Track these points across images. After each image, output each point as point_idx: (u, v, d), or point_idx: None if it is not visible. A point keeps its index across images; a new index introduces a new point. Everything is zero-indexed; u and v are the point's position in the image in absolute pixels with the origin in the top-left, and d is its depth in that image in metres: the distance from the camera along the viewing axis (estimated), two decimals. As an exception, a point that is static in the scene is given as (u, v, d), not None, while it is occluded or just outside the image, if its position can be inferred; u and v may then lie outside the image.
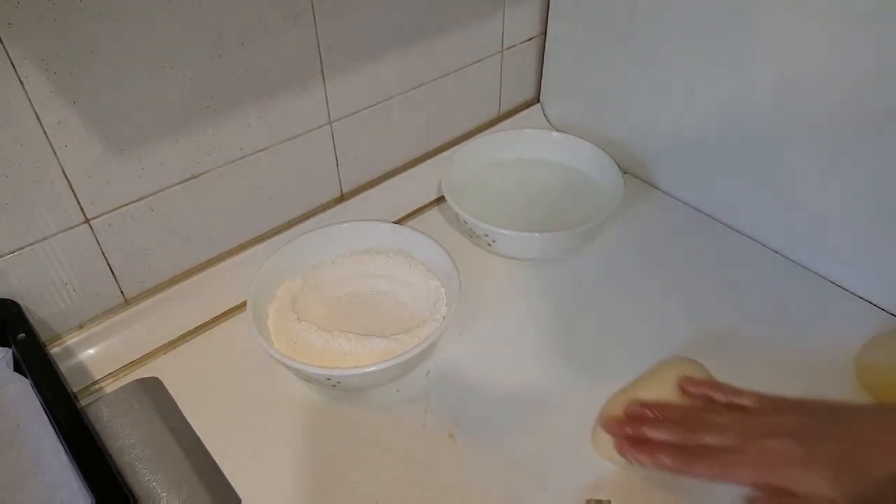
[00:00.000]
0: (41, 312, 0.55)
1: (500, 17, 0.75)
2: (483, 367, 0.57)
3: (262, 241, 0.66)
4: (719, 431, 0.44)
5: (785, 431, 0.42)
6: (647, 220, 0.73)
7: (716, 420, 0.45)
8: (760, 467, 0.41)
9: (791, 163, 0.62)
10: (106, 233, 0.55)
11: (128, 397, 0.54)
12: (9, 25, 0.43)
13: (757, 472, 0.41)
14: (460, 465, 0.50)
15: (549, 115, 0.85)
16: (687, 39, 0.65)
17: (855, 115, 0.56)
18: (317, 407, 0.55)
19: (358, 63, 0.64)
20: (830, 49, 0.55)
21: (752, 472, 0.41)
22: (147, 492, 0.47)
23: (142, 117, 0.52)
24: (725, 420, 0.45)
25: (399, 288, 0.61)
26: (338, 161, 0.68)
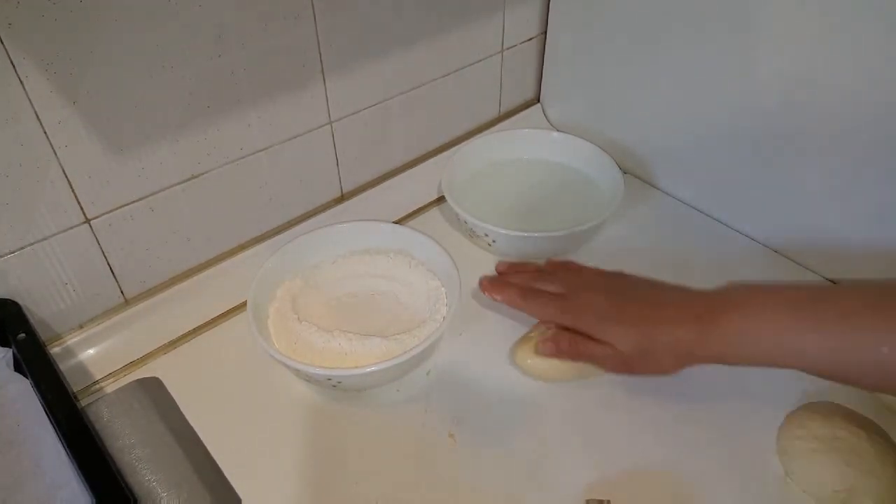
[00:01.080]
0: (41, 312, 0.55)
1: (500, 17, 0.75)
2: (483, 367, 0.57)
3: (262, 241, 0.66)
4: (556, 283, 0.55)
5: (603, 290, 0.53)
6: (647, 220, 0.73)
7: (555, 275, 0.57)
8: (575, 314, 0.52)
9: (791, 162, 0.62)
10: (106, 233, 0.55)
11: (128, 397, 0.53)
12: (9, 25, 0.43)
13: (572, 318, 0.52)
14: (460, 465, 0.50)
15: (549, 115, 0.85)
16: (687, 39, 0.65)
17: (856, 115, 0.56)
18: (317, 407, 0.55)
19: (358, 63, 0.64)
20: (832, 50, 0.55)
21: (569, 317, 0.52)
22: (147, 492, 0.47)
23: (142, 117, 0.52)
24: (562, 276, 0.57)
25: (399, 288, 0.61)
26: (338, 161, 0.68)
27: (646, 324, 0.49)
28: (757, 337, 0.44)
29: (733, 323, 0.45)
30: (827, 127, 0.58)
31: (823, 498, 0.47)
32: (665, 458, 0.51)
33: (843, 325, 0.42)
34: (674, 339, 0.47)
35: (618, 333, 0.49)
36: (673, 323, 0.48)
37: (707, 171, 0.70)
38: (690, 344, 0.47)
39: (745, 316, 0.45)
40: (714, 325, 0.46)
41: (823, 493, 0.47)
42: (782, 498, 0.48)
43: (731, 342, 0.45)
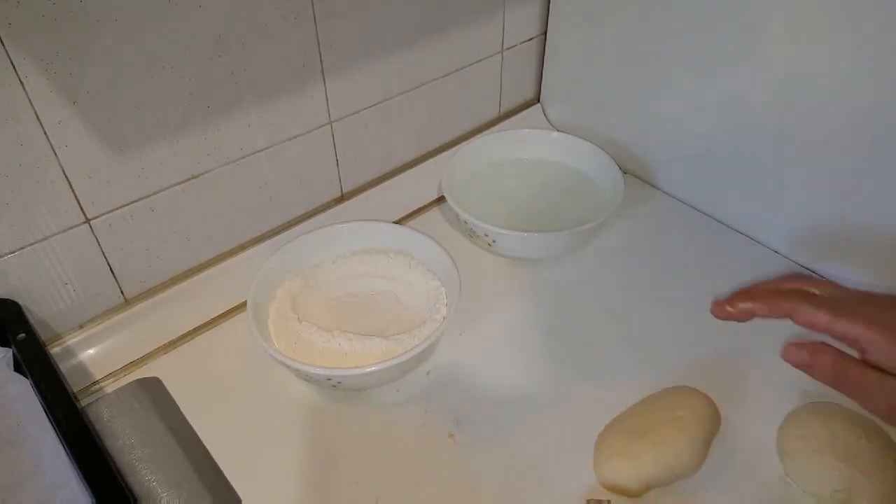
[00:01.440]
0: (41, 312, 0.55)
1: (500, 17, 0.75)
2: (483, 367, 0.57)
3: (262, 241, 0.66)
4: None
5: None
6: (647, 220, 0.73)
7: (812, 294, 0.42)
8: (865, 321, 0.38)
9: (792, 163, 0.62)
10: (106, 233, 0.55)
11: (128, 397, 0.53)
12: (9, 25, 0.43)
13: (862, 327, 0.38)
14: (460, 465, 0.50)
15: (549, 115, 0.85)
16: (688, 39, 0.65)
17: (856, 115, 0.56)
18: (317, 407, 0.55)
19: (358, 63, 0.64)
20: (832, 52, 0.55)
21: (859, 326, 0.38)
22: (147, 492, 0.47)
23: (142, 117, 0.52)
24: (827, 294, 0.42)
25: (399, 288, 0.61)
26: (338, 161, 0.68)
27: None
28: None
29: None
30: (827, 127, 0.58)
31: (823, 498, 0.47)
32: (665, 458, 0.50)
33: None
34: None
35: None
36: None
37: (707, 171, 0.70)
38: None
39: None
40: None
41: (823, 493, 0.47)
42: (782, 498, 0.48)
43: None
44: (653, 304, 0.63)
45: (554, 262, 0.68)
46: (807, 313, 0.40)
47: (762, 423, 0.52)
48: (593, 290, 0.65)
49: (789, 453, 0.49)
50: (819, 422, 0.49)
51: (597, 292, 0.64)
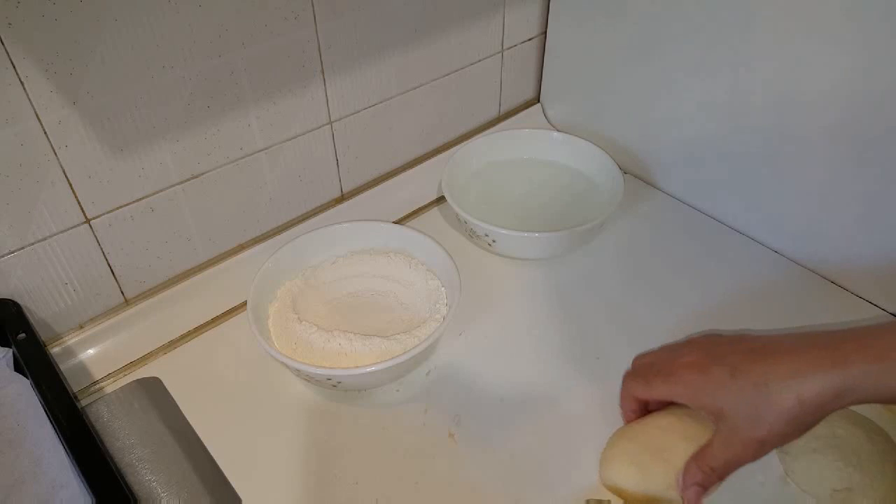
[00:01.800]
0: (41, 312, 0.55)
1: (500, 17, 0.75)
2: (483, 367, 0.57)
3: (262, 241, 0.66)
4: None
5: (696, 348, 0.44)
6: (647, 220, 0.73)
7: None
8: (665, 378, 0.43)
9: (791, 163, 0.62)
10: (106, 233, 0.55)
11: (128, 397, 0.54)
12: (9, 25, 0.43)
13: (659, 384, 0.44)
14: (460, 465, 0.50)
15: (549, 115, 0.85)
16: (687, 39, 0.65)
17: (856, 114, 0.56)
18: (317, 407, 0.55)
19: (358, 63, 0.64)
20: (832, 52, 0.55)
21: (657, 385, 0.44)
22: (147, 492, 0.47)
23: (142, 117, 0.52)
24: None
25: (399, 288, 0.61)
26: (338, 161, 0.68)
27: (749, 371, 0.39)
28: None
29: (891, 344, 0.36)
30: (827, 126, 0.58)
31: (823, 498, 0.47)
32: (665, 458, 0.50)
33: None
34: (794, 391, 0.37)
35: (718, 394, 0.39)
36: (790, 371, 0.38)
37: (707, 171, 0.70)
38: (819, 392, 0.37)
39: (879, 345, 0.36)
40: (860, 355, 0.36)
41: (823, 493, 0.47)
42: (782, 498, 0.48)
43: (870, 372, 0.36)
44: (653, 304, 0.63)
45: (554, 262, 0.68)
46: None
47: (762, 423, 0.52)
48: (593, 290, 0.65)
49: (789, 453, 0.49)
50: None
51: (597, 292, 0.64)
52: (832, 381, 0.36)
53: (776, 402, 0.37)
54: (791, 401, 0.37)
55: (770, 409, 0.38)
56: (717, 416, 0.40)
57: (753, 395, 0.38)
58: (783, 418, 0.38)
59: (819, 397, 0.37)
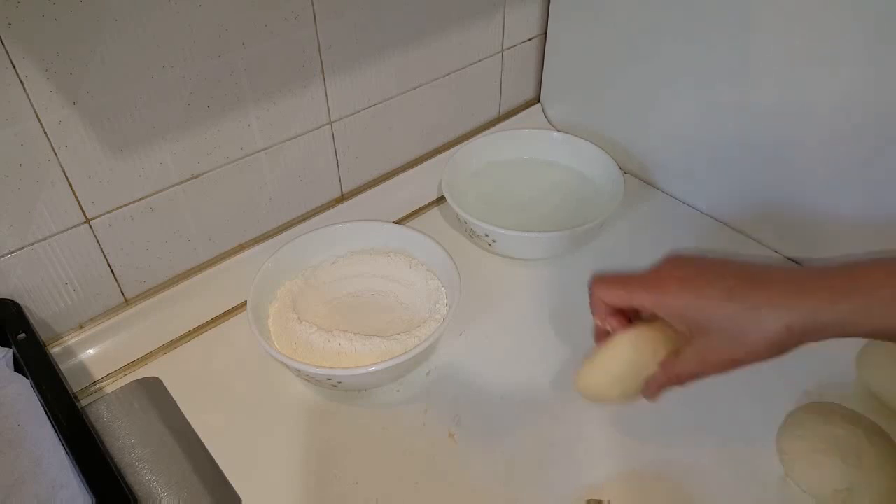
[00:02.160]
0: (41, 312, 0.55)
1: (500, 17, 0.75)
2: (483, 367, 0.57)
3: (262, 242, 0.66)
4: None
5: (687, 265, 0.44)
6: (647, 220, 0.73)
7: None
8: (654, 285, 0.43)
9: (791, 162, 0.62)
10: (106, 233, 0.55)
11: (128, 397, 0.54)
12: (9, 25, 0.43)
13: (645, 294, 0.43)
14: (460, 465, 0.50)
15: (550, 115, 0.85)
16: (687, 39, 0.65)
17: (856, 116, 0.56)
18: (317, 407, 0.55)
19: (358, 63, 0.64)
20: (832, 52, 0.55)
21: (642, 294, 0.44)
22: (147, 492, 0.47)
23: (142, 117, 0.52)
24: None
25: (399, 288, 0.61)
26: (338, 161, 0.68)
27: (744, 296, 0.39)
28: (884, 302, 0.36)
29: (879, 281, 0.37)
30: (827, 127, 0.58)
31: (823, 498, 0.47)
32: (665, 458, 0.51)
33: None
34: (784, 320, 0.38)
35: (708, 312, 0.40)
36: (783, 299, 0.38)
37: (707, 171, 0.70)
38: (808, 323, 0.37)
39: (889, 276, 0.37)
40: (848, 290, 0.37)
41: (823, 493, 0.47)
42: (782, 498, 0.48)
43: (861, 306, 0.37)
44: (653, 304, 0.62)
45: (554, 261, 0.68)
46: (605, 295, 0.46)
47: (762, 423, 0.52)
48: (593, 290, 0.65)
49: (789, 453, 0.49)
50: (819, 422, 0.49)
51: (597, 292, 0.64)
52: (821, 313, 0.38)
53: (764, 327, 0.39)
54: (779, 327, 0.38)
55: (756, 332, 0.39)
56: (698, 331, 0.41)
57: (743, 318, 0.39)
58: (765, 342, 0.39)
59: (805, 327, 0.38)
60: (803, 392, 0.54)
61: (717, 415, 0.53)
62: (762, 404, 0.53)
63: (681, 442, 0.51)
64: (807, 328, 0.38)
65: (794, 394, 0.54)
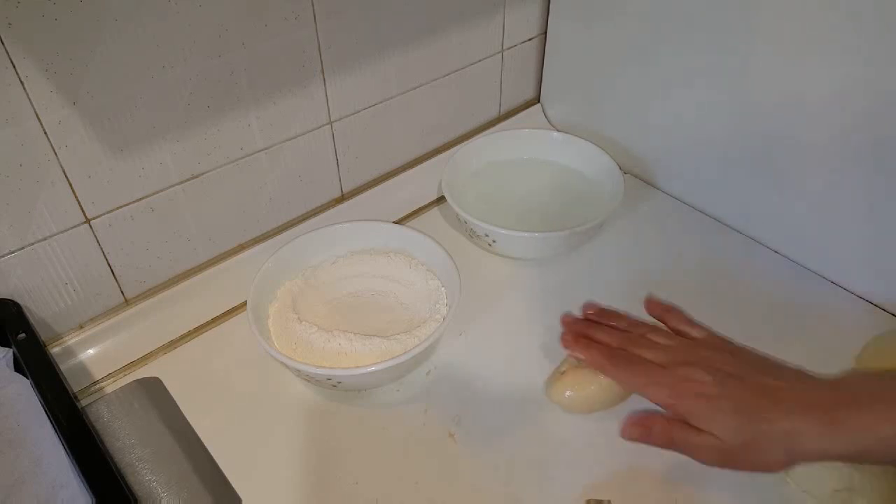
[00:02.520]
0: (41, 312, 0.55)
1: (500, 17, 0.75)
2: (483, 367, 0.57)
3: (262, 242, 0.66)
4: (654, 349, 0.47)
5: (710, 367, 0.44)
6: (647, 220, 0.73)
7: (654, 339, 0.48)
8: (673, 391, 0.44)
9: (791, 162, 0.62)
10: (106, 233, 0.55)
11: (128, 397, 0.54)
12: (9, 25, 0.43)
13: (668, 395, 0.44)
14: (460, 465, 0.50)
15: (550, 115, 0.85)
16: (687, 39, 0.65)
17: (857, 116, 0.56)
18: (317, 407, 0.55)
19: (358, 63, 0.64)
20: (833, 52, 0.55)
21: (665, 393, 0.44)
22: (147, 492, 0.47)
23: (142, 117, 0.52)
24: (663, 341, 0.48)
25: (399, 288, 0.61)
26: (338, 161, 0.68)
27: (759, 413, 0.41)
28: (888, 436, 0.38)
29: (864, 420, 0.39)
30: (827, 126, 0.58)
31: (823, 498, 0.47)
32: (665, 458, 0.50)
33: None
34: (790, 432, 0.40)
35: (723, 422, 0.41)
36: (791, 414, 0.40)
37: (707, 171, 0.70)
38: (813, 439, 0.40)
39: (876, 412, 0.39)
40: (841, 421, 0.39)
41: (823, 493, 0.47)
42: (782, 498, 0.48)
43: (859, 440, 0.39)
44: (653, 304, 0.62)
45: (554, 261, 0.68)
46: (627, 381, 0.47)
47: (762, 423, 0.52)
48: (593, 290, 0.64)
49: (789, 453, 0.49)
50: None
51: (597, 292, 0.64)
52: (822, 443, 0.39)
53: (768, 451, 0.41)
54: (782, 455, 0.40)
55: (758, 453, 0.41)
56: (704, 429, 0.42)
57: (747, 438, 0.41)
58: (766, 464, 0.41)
59: (805, 455, 0.40)
60: (803, 392, 0.54)
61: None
62: (762, 404, 0.53)
63: (681, 442, 0.51)
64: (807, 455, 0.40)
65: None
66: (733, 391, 0.42)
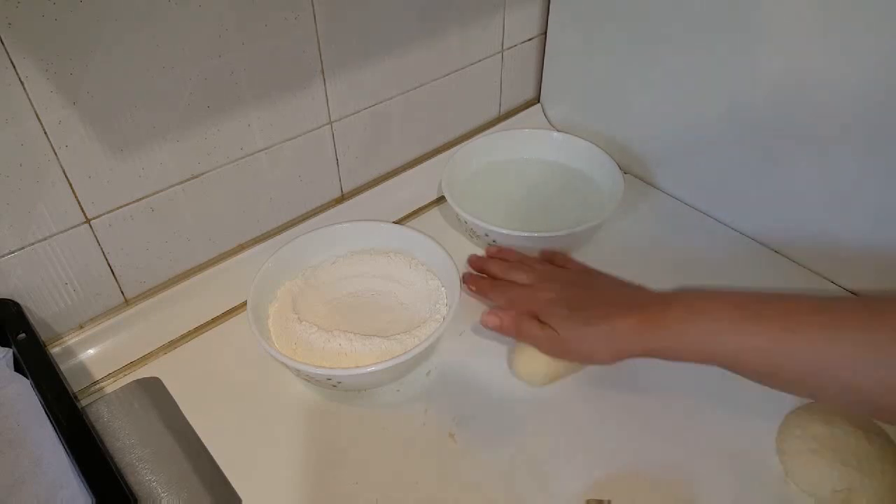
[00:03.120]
0: (41, 312, 0.55)
1: (500, 17, 0.75)
2: (483, 367, 0.58)
3: (262, 242, 0.66)
4: (527, 273, 0.57)
5: (563, 281, 0.55)
6: (647, 220, 0.73)
7: (533, 266, 0.58)
8: (529, 300, 0.53)
9: (791, 162, 0.62)
10: (106, 233, 0.55)
11: (128, 397, 0.54)
12: (9, 25, 0.43)
13: (523, 303, 0.53)
14: (460, 465, 0.50)
15: (550, 115, 0.85)
16: (687, 39, 0.65)
17: (855, 114, 0.56)
18: (317, 407, 0.55)
19: (358, 63, 0.64)
20: (830, 49, 0.55)
21: (522, 303, 0.54)
22: (147, 492, 0.47)
23: (142, 117, 0.52)
24: (538, 267, 0.58)
25: (399, 288, 0.61)
26: (338, 161, 0.68)
27: (589, 311, 0.49)
28: (696, 333, 0.44)
29: (675, 317, 0.45)
30: (826, 126, 0.58)
31: (823, 498, 0.47)
32: (665, 458, 0.51)
33: (783, 323, 0.42)
34: (612, 328, 0.47)
35: (560, 317, 0.50)
36: (616, 313, 0.48)
37: (707, 171, 0.70)
38: (628, 335, 0.47)
39: (688, 312, 0.45)
40: (655, 319, 0.46)
41: (823, 493, 0.47)
42: (782, 498, 0.48)
43: (669, 337, 0.45)
44: (653, 304, 0.62)
45: (554, 262, 0.68)
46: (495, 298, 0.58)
47: (762, 423, 0.52)
48: (593, 290, 0.65)
49: (789, 453, 0.49)
50: (819, 422, 0.49)
51: (597, 292, 0.64)
52: (636, 340, 0.47)
53: (593, 342, 0.49)
54: (604, 347, 0.48)
55: (588, 346, 0.49)
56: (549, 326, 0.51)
57: (580, 329, 0.49)
58: (597, 357, 0.49)
59: (624, 350, 0.48)
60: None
61: (717, 415, 0.53)
62: (762, 404, 0.53)
63: (681, 442, 0.51)
64: (629, 353, 0.48)
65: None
66: (572, 295, 0.52)
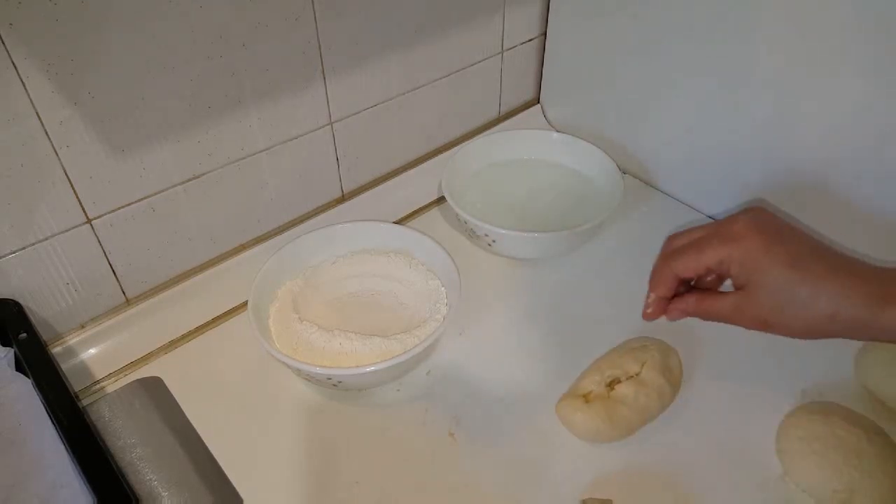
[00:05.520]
0: (43, 312, 0.55)
1: (500, 17, 0.75)
2: (483, 367, 0.58)
3: (263, 242, 0.66)
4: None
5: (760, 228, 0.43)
6: (647, 220, 0.73)
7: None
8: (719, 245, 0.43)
9: (791, 163, 0.62)
10: (107, 233, 0.55)
11: (129, 397, 0.54)
12: (10, 26, 0.43)
13: (714, 252, 0.43)
14: (460, 465, 0.50)
15: (549, 116, 0.85)
16: (688, 39, 0.65)
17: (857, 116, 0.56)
18: (317, 407, 0.55)
19: (358, 63, 0.64)
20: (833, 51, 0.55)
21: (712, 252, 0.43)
22: (148, 491, 0.47)
23: (143, 117, 0.52)
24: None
25: (399, 288, 0.61)
26: (338, 161, 0.69)
27: (809, 269, 0.40)
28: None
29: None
30: (827, 126, 0.58)
31: (823, 498, 0.47)
32: (665, 458, 0.51)
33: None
34: (837, 292, 0.39)
35: (770, 270, 0.40)
36: (839, 275, 0.40)
37: (706, 172, 0.70)
38: (855, 305, 0.39)
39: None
40: (892, 296, 0.38)
41: (823, 493, 0.47)
42: (782, 498, 0.48)
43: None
44: (653, 304, 0.63)
45: (554, 261, 0.68)
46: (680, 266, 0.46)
47: (762, 422, 0.52)
48: (593, 290, 0.65)
49: (789, 453, 0.49)
50: (819, 422, 0.50)
51: (596, 292, 0.64)
52: (868, 314, 0.39)
53: (813, 308, 0.40)
54: (827, 315, 0.39)
55: (801, 308, 0.40)
56: (750, 283, 0.42)
57: (797, 292, 0.40)
58: (804, 321, 0.40)
59: (849, 322, 0.39)
60: (802, 392, 0.54)
61: (717, 415, 0.53)
62: (762, 404, 0.53)
63: (681, 442, 0.51)
64: (851, 323, 0.39)
65: (794, 394, 0.54)
66: (790, 246, 0.42)
